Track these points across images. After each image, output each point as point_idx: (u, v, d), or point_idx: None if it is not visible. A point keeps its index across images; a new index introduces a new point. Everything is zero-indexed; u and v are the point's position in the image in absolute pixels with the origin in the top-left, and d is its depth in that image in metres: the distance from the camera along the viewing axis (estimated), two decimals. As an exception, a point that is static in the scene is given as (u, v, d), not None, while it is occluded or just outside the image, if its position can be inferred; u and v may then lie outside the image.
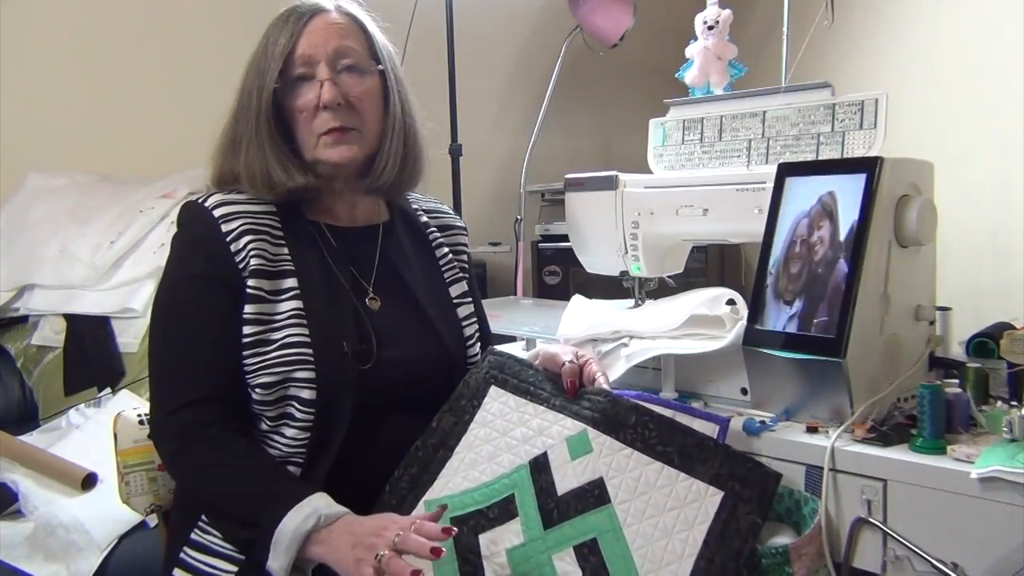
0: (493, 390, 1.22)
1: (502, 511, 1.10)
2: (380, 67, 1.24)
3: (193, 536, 1.15)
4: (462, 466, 1.17)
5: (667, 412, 1.15)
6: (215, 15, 2.52)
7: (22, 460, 1.68)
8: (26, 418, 1.98)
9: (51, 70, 2.38)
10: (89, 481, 1.61)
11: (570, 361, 1.20)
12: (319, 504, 1.04)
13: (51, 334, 2.05)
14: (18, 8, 2.34)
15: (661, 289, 1.60)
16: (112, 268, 2.06)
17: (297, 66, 1.20)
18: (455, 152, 2.52)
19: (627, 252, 1.55)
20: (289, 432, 1.15)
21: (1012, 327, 1.29)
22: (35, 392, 2.02)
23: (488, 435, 1.18)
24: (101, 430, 1.59)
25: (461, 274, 1.36)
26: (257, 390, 1.14)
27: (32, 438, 1.82)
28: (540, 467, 1.12)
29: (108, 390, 1.94)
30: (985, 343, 1.28)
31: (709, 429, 1.13)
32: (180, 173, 2.23)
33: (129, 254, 2.08)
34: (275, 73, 1.19)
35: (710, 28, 1.60)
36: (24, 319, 2.09)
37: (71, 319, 2.03)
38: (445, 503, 1.09)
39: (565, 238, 1.71)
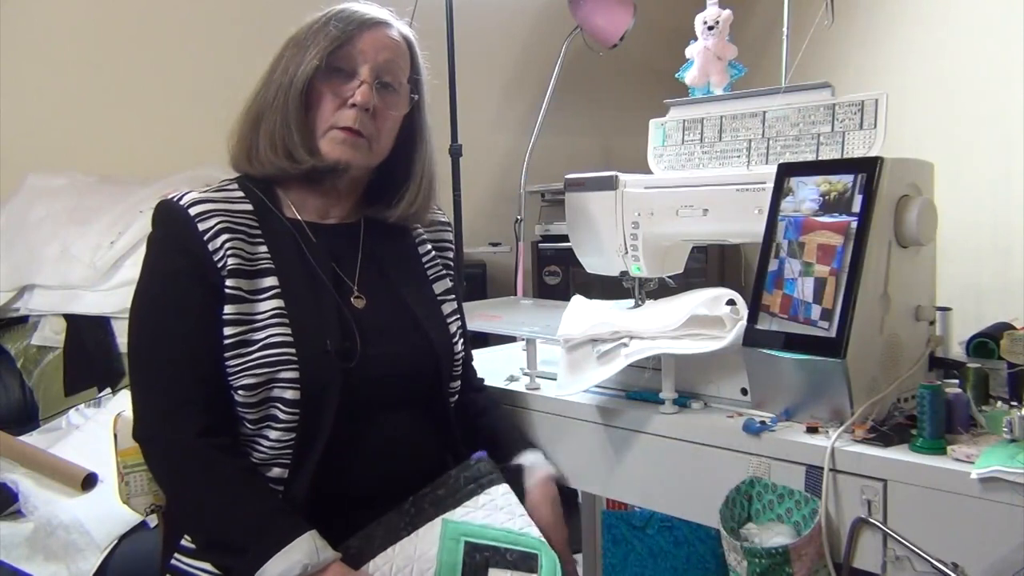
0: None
1: (522, 561, 1.11)
2: (415, 95, 1.28)
3: (183, 543, 1.15)
4: (489, 506, 1.17)
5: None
6: (215, 16, 2.52)
7: (22, 460, 1.68)
8: (26, 418, 1.98)
9: (51, 70, 2.38)
10: (89, 481, 1.61)
11: None
12: (307, 550, 1.03)
13: (51, 334, 2.05)
14: (18, 8, 2.34)
15: (661, 289, 1.60)
16: (112, 268, 2.07)
17: (342, 58, 1.20)
18: (455, 152, 2.51)
19: (627, 252, 1.55)
20: (273, 435, 1.13)
21: (1012, 327, 1.29)
22: (35, 392, 2.02)
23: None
24: (101, 430, 1.59)
25: (444, 271, 1.35)
26: (240, 392, 1.11)
27: (32, 438, 1.82)
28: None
29: (108, 390, 1.95)
30: (985, 343, 1.28)
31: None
32: (180, 173, 2.23)
33: (129, 254, 2.08)
34: (323, 52, 1.18)
35: (710, 28, 1.60)
36: (24, 319, 2.09)
37: (71, 319, 2.03)
38: None
39: (565, 238, 1.71)
